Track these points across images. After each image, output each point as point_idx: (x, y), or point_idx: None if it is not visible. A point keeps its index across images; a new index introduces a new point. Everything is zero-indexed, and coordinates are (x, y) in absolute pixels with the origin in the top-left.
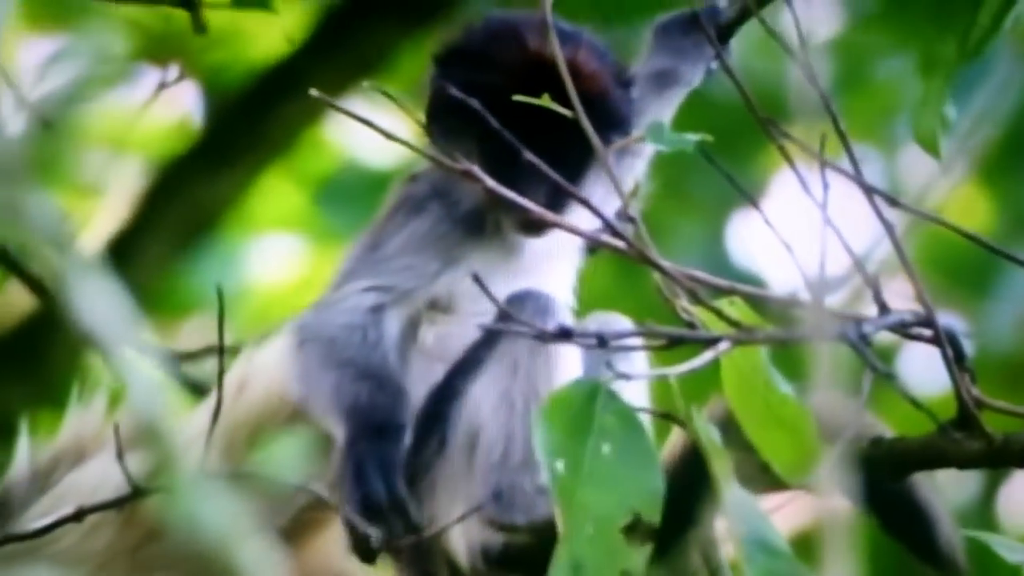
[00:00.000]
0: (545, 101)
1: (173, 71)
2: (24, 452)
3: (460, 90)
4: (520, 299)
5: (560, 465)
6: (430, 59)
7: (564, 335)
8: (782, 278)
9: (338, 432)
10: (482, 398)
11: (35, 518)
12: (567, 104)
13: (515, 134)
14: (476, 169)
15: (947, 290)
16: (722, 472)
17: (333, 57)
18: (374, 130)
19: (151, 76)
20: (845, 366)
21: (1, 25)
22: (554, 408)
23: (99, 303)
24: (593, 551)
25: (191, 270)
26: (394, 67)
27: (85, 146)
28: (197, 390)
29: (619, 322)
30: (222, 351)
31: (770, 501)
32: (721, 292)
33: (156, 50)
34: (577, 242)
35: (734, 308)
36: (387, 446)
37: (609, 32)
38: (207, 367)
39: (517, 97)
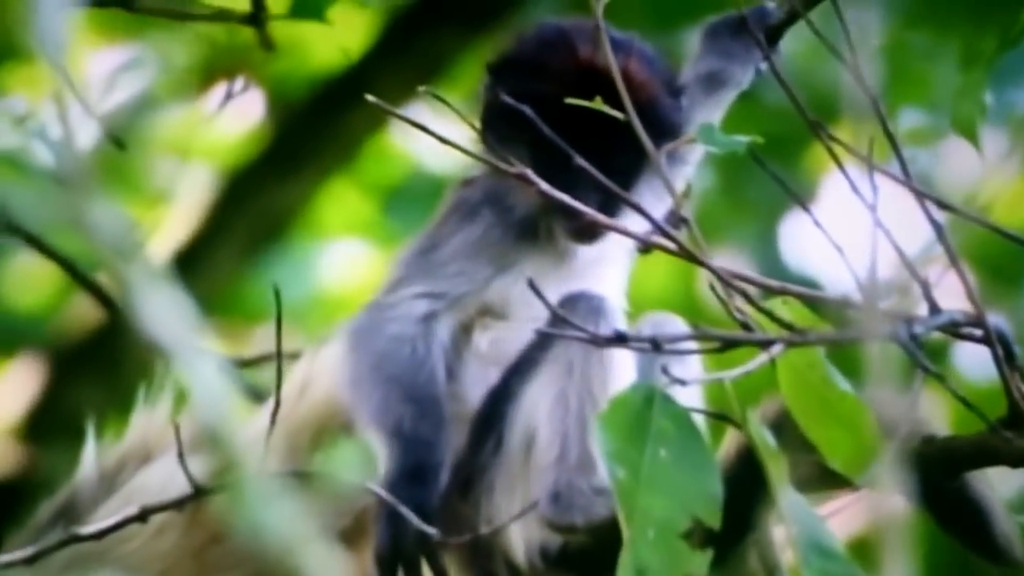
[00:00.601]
0: (598, 104)
1: (239, 82)
2: (91, 454)
3: (512, 98)
4: (573, 302)
5: (621, 470)
6: (483, 67)
7: (619, 339)
8: (834, 279)
9: (380, 448)
10: (538, 400)
11: (102, 519)
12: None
13: (566, 142)
14: (530, 172)
15: (987, 286)
16: (777, 475)
17: (396, 64)
18: (431, 136)
19: (218, 87)
20: (896, 365)
21: (66, 38)
22: (612, 413)
23: (164, 311)
24: (656, 556)
25: (260, 277)
26: (455, 73)
27: (154, 156)
28: (259, 396)
29: (673, 323)
30: (280, 353)
31: (826, 505)
32: (773, 293)
33: (222, 61)
34: (627, 246)
35: (787, 309)
36: (422, 490)
37: (659, 38)
38: (270, 373)
39: (570, 100)
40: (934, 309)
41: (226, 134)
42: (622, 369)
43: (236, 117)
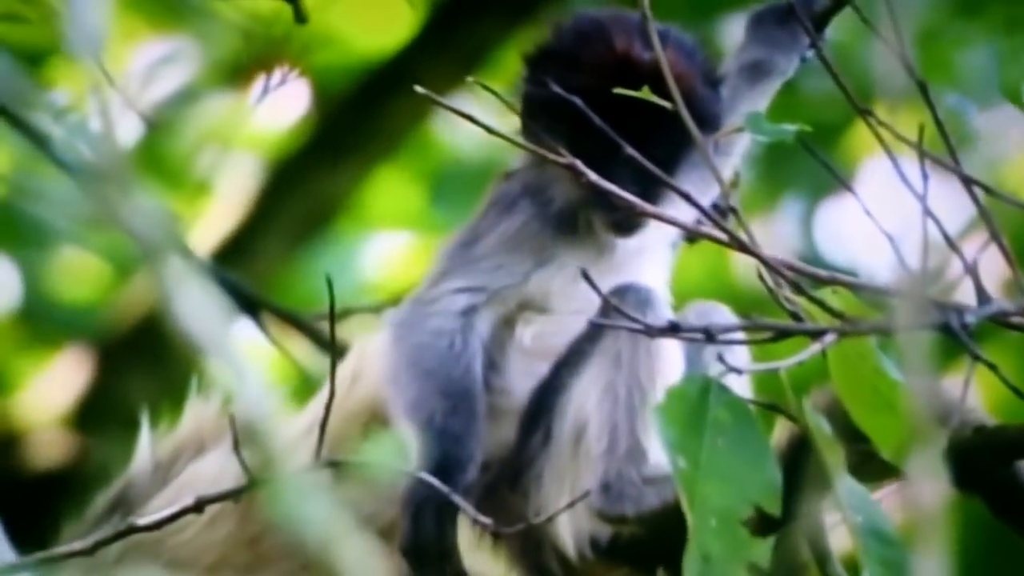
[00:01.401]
0: (646, 94)
1: (280, 73)
2: (146, 444)
3: (549, 90)
4: (621, 293)
5: (681, 460)
6: (521, 58)
7: (671, 329)
8: (872, 267)
9: (411, 441)
10: (587, 391)
11: (156, 509)
12: (655, 106)
13: (605, 134)
14: (579, 162)
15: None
16: (835, 463)
17: (439, 54)
18: (476, 125)
19: (259, 78)
20: (934, 353)
21: (102, 30)
22: (669, 404)
23: (202, 305)
24: (718, 543)
25: (307, 267)
26: (498, 63)
27: (196, 147)
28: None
29: (719, 312)
30: (334, 342)
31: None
32: (822, 282)
33: (263, 52)
34: (669, 237)
35: (837, 298)
36: (448, 484)
37: (697, 28)
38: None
39: (617, 90)
40: (983, 297)
41: (269, 125)
42: (670, 359)
43: (278, 108)
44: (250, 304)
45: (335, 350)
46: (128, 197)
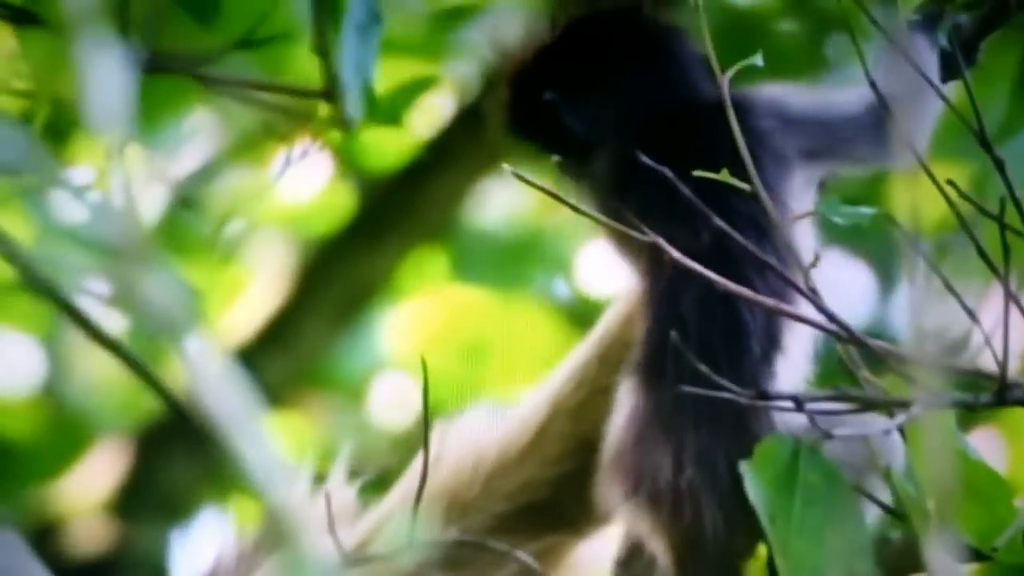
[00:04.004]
0: (725, 176)
1: (303, 146)
2: (230, 533)
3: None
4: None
5: (773, 518)
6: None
7: (760, 396)
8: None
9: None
10: None
11: None
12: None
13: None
14: (662, 241)
15: None
16: (925, 531)
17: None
18: (565, 204)
19: (282, 152)
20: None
21: (124, 106)
22: (760, 462)
23: (223, 386)
24: None
25: (348, 347)
26: None
27: (221, 222)
28: None
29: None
30: (427, 422)
31: None
32: (898, 359)
33: (288, 126)
34: None
35: (919, 374)
36: None
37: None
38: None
39: (699, 173)
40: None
41: (293, 199)
42: None
43: (303, 182)
44: None
45: (428, 428)
46: (149, 275)
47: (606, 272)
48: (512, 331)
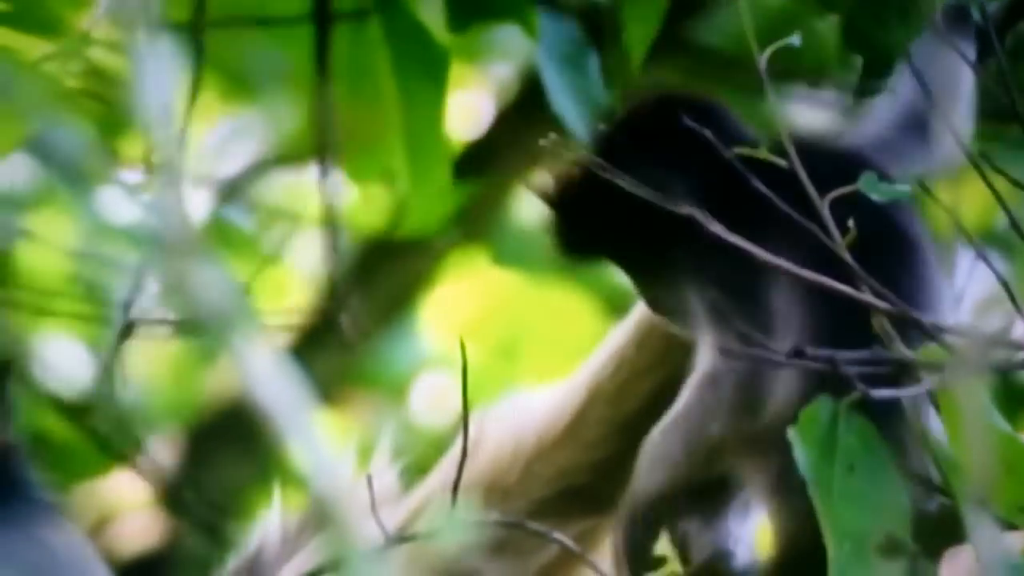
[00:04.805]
0: (763, 152)
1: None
2: (276, 516)
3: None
4: None
5: (817, 484)
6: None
7: (796, 354)
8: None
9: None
10: None
11: None
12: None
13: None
14: (698, 213)
15: None
16: (963, 496)
17: (527, 129)
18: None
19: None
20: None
21: (173, 105)
22: (804, 426)
23: (274, 379)
24: (854, 567)
25: (391, 347)
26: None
27: (266, 221)
28: None
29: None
30: (466, 407)
31: None
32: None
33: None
34: None
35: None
36: None
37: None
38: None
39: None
40: None
41: (337, 200)
42: None
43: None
44: None
45: (467, 413)
46: (200, 272)
47: None
48: (552, 320)
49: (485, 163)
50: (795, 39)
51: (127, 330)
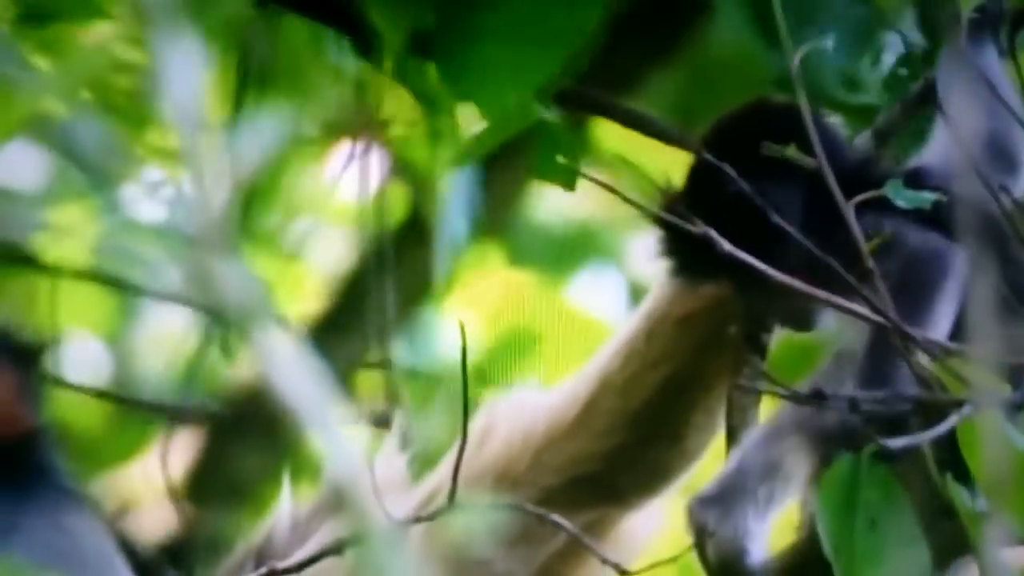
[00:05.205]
0: (792, 151)
1: (363, 142)
2: (286, 501)
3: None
4: None
5: (838, 542)
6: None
7: (816, 396)
8: None
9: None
10: None
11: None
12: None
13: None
14: (712, 232)
15: None
16: (979, 536)
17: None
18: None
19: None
20: None
21: (198, 101)
22: (827, 487)
23: (296, 372)
24: None
25: (408, 340)
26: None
27: (287, 216)
28: None
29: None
30: (466, 392)
31: None
32: (952, 354)
33: (349, 122)
34: None
35: (971, 370)
36: None
37: None
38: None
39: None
40: None
41: (354, 195)
42: None
43: (361, 177)
44: None
45: (467, 400)
46: (223, 265)
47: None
48: (563, 317)
49: (502, 158)
50: (828, 41)
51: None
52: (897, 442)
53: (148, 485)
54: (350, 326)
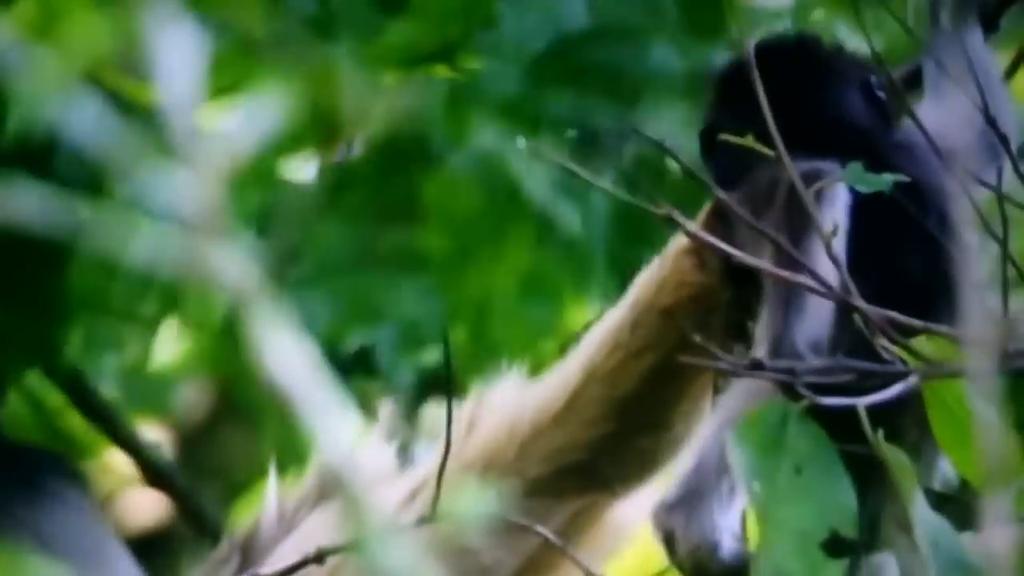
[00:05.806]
0: (749, 141)
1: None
2: (272, 493)
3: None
4: None
5: (757, 484)
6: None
7: (755, 367)
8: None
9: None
10: None
11: (282, 557)
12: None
13: None
14: (676, 213)
15: None
16: (911, 493)
17: None
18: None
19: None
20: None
21: (193, 85)
22: (748, 428)
23: (290, 355)
24: (794, 563)
25: None
26: None
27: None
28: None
29: None
30: (450, 384)
31: None
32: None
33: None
34: None
35: (932, 344)
36: None
37: None
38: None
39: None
40: None
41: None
42: None
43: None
44: None
45: (451, 394)
46: (217, 246)
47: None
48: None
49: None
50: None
51: None
52: (830, 401)
53: (128, 475)
54: None
